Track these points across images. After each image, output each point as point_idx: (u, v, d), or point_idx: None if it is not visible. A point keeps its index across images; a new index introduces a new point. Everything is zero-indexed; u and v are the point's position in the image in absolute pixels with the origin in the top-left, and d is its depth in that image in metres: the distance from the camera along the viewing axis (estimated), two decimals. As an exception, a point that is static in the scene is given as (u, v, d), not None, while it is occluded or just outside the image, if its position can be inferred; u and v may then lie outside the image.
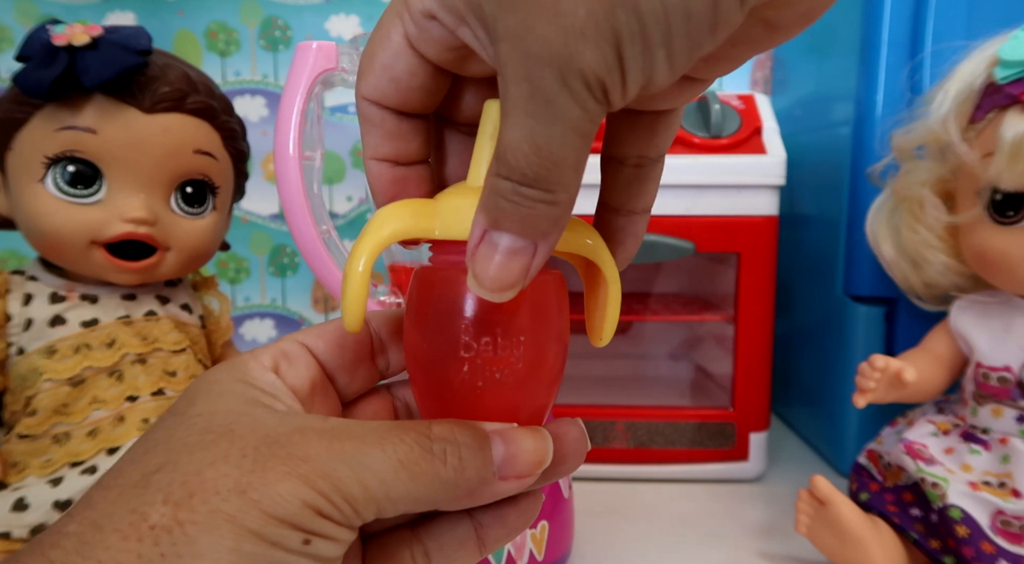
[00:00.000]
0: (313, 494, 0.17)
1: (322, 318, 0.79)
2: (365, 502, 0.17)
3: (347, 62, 0.41)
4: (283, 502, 0.16)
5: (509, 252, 0.17)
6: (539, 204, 0.17)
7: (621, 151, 0.21)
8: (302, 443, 0.17)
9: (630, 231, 0.22)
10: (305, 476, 0.17)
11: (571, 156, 0.16)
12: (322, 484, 0.17)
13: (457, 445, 0.18)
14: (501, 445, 0.19)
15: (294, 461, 0.17)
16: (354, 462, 0.17)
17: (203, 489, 0.16)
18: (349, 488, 0.17)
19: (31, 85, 0.37)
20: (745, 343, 0.56)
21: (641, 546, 0.47)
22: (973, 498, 0.39)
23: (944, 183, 0.45)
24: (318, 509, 0.17)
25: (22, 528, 0.37)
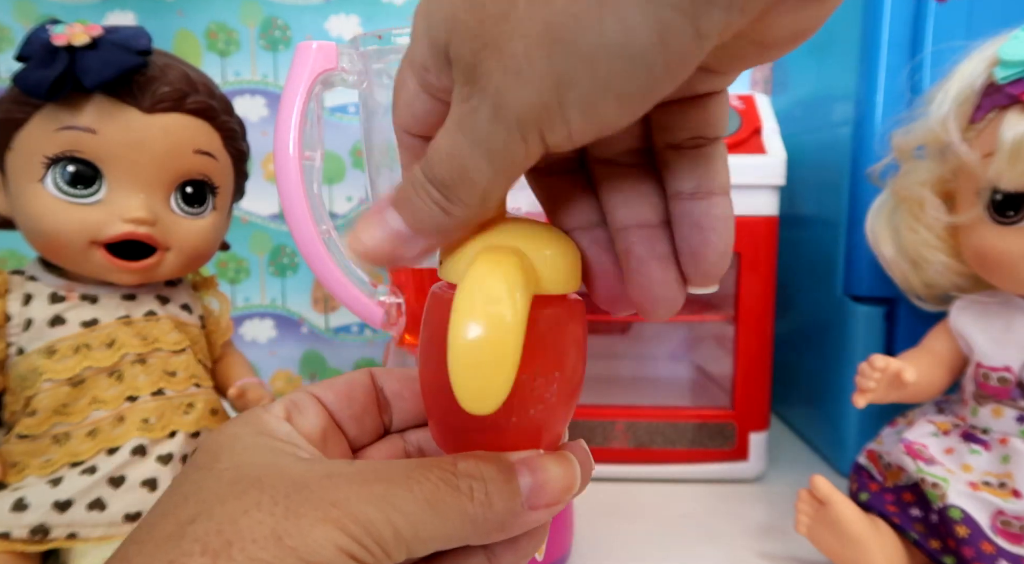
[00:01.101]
0: (346, 539, 0.17)
1: (322, 318, 0.79)
2: (396, 544, 0.17)
3: (347, 62, 0.41)
4: (318, 548, 0.16)
5: (391, 232, 0.18)
6: (434, 205, 0.18)
7: (675, 138, 0.19)
8: (332, 488, 0.18)
9: (716, 214, 0.19)
10: (337, 520, 0.17)
11: (481, 182, 0.17)
12: (354, 528, 0.17)
13: (483, 480, 0.18)
14: (528, 475, 0.19)
15: (325, 506, 0.17)
16: (383, 504, 0.17)
17: (240, 538, 0.16)
18: (380, 531, 0.17)
19: (31, 85, 0.37)
20: (745, 343, 0.56)
21: (641, 546, 0.47)
22: (973, 498, 0.39)
23: (944, 183, 0.45)
24: (351, 554, 0.17)
25: (22, 528, 0.37)
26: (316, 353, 0.79)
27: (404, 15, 0.75)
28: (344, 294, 0.41)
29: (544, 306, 0.19)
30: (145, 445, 0.40)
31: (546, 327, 0.19)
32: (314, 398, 0.22)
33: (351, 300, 0.42)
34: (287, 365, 0.79)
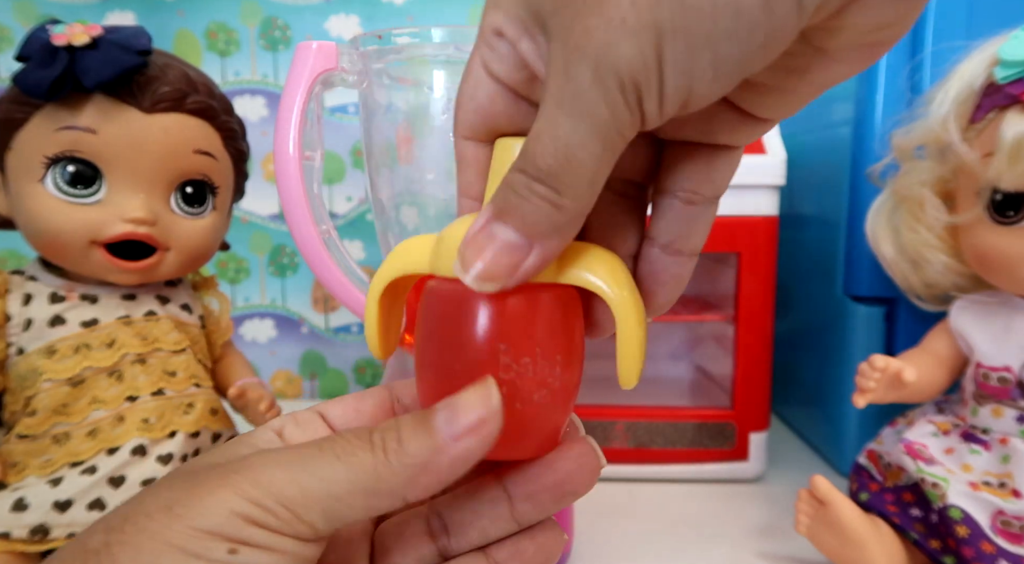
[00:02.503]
0: (242, 502, 0.16)
1: (322, 318, 0.79)
2: (305, 504, 0.17)
3: (347, 62, 0.41)
4: (208, 513, 0.16)
5: (504, 245, 0.17)
6: (544, 203, 0.16)
7: (675, 184, 0.20)
8: (243, 462, 0.17)
9: (674, 273, 0.20)
10: (236, 485, 0.16)
11: (588, 162, 0.16)
12: (254, 492, 0.16)
13: (396, 428, 0.18)
14: (444, 410, 0.18)
15: (229, 475, 0.17)
16: (291, 465, 0.17)
17: (135, 513, 0.17)
18: (283, 490, 0.17)
19: (31, 85, 0.37)
20: (745, 343, 0.56)
21: (641, 546, 0.47)
22: (973, 498, 0.39)
23: (944, 183, 0.45)
24: (248, 516, 0.16)
25: (22, 528, 0.37)
26: (316, 353, 0.79)
27: (404, 15, 0.75)
28: (344, 294, 0.41)
29: (540, 290, 0.19)
30: (145, 445, 0.40)
31: (541, 309, 0.19)
32: (317, 415, 0.22)
33: (351, 300, 0.42)
34: (287, 365, 0.79)
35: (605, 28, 0.15)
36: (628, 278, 0.19)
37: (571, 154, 0.16)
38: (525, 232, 0.17)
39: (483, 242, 0.17)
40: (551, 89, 0.16)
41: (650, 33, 0.14)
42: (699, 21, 0.14)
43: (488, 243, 0.17)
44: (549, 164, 0.16)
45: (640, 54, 0.14)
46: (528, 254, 0.17)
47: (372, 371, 0.80)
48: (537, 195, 0.16)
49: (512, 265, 0.17)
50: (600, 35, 0.15)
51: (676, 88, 0.15)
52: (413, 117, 0.44)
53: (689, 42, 0.14)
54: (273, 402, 0.46)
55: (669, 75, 0.15)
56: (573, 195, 0.16)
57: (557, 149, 0.16)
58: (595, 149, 0.16)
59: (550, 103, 0.16)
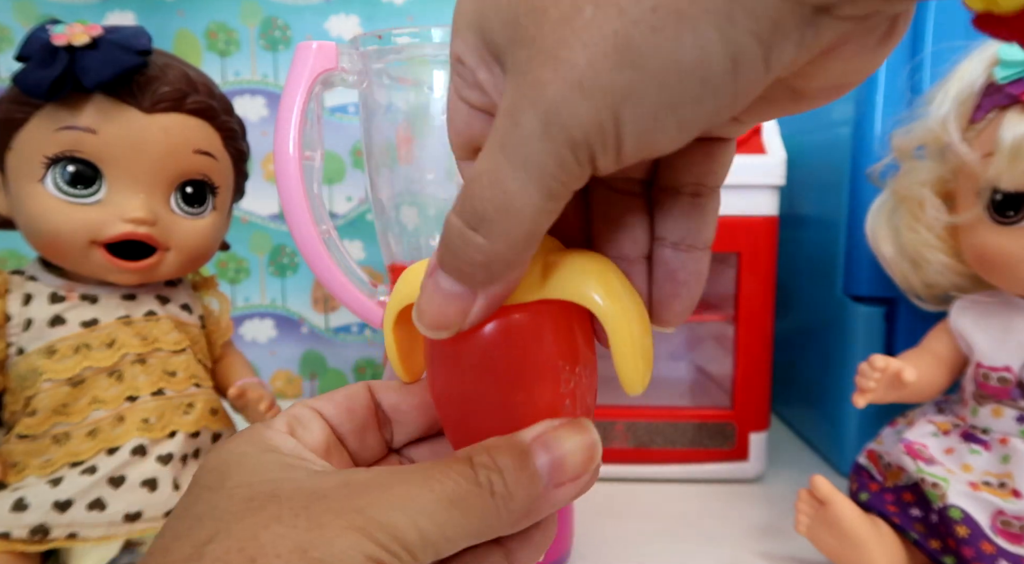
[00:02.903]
0: (373, 547, 0.16)
1: (322, 318, 0.79)
2: (423, 547, 0.17)
3: (347, 62, 0.41)
4: (346, 559, 0.16)
5: (447, 295, 0.17)
6: (479, 254, 0.16)
7: (677, 179, 0.19)
8: (351, 495, 0.17)
9: (692, 269, 0.20)
10: (362, 528, 0.16)
11: (528, 211, 0.15)
12: (380, 535, 0.16)
13: (500, 471, 0.18)
14: (544, 454, 0.18)
15: (348, 514, 0.17)
16: (407, 507, 0.17)
17: (263, 553, 0.16)
18: (406, 535, 0.17)
19: (31, 85, 0.37)
20: (745, 343, 0.56)
21: (641, 546, 0.47)
22: (973, 498, 0.39)
23: (944, 183, 0.45)
24: (380, 561, 0.16)
25: (22, 528, 0.37)
26: (316, 353, 0.79)
27: (404, 15, 0.75)
28: (344, 294, 0.42)
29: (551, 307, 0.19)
30: (145, 445, 0.40)
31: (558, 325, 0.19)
32: (315, 412, 0.21)
33: (351, 300, 0.42)
34: (287, 365, 0.79)
35: (559, 85, 0.14)
36: (623, 286, 0.19)
37: (509, 202, 0.15)
38: (465, 282, 0.17)
39: (431, 292, 0.18)
40: (498, 130, 0.15)
41: (608, 98, 0.14)
42: (662, 89, 0.14)
43: (435, 293, 0.17)
44: (486, 210, 0.16)
45: (596, 117, 0.14)
46: (474, 301, 0.17)
47: (372, 371, 0.80)
48: (472, 245, 0.16)
49: (460, 312, 0.17)
50: (553, 91, 0.14)
51: (635, 147, 0.15)
52: (413, 117, 0.44)
53: (651, 108, 0.14)
54: (273, 402, 0.46)
55: (628, 136, 0.14)
56: (509, 245, 0.16)
57: (495, 195, 0.15)
58: (536, 199, 0.15)
59: (495, 145, 0.15)
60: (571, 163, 0.15)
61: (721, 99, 0.14)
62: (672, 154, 0.19)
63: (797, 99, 0.16)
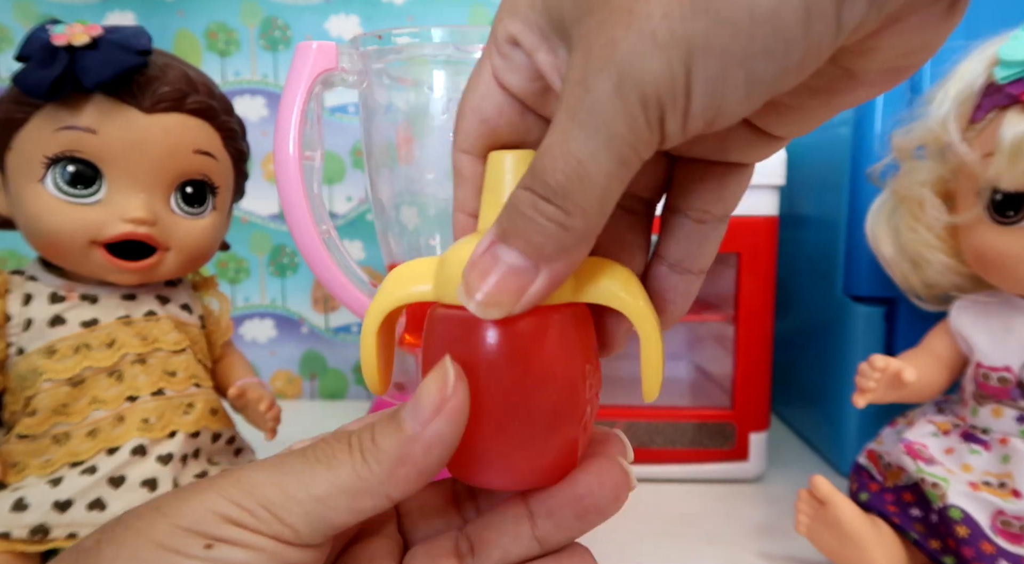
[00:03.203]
0: (224, 502, 0.17)
1: (322, 318, 0.79)
2: (286, 505, 0.17)
3: (347, 62, 0.41)
4: (189, 512, 0.17)
5: (510, 270, 0.16)
6: (551, 224, 0.16)
7: (685, 203, 0.19)
8: (236, 468, 0.18)
9: (682, 290, 0.20)
10: (220, 487, 0.17)
11: (600, 180, 0.15)
12: (234, 491, 0.17)
13: (370, 427, 0.18)
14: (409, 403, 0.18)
15: (218, 480, 0.17)
16: (273, 470, 0.17)
17: (128, 514, 0.17)
18: (265, 492, 0.17)
19: (31, 85, 0.37)
20: (745, 343, 0.56)
21: (641, 546, 0.47)
22: (973, 498, 0.39)
23: (944, 183, 0.45)
24: (227, 516, 0.17)
25: (22, 528, 0.37)
26: (316, 353, 0.79)
27: (404, 15, 0.75)
28: (344, 294, 0.42)
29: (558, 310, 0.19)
30: (145, 445, 0.40)
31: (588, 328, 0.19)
32: None
33: (351, 300, 0.42)
34: (287, 365, 0.79)
35: (633, 40, 0.14)
36: (644, 292, 0.19)
37: (583, 170, 0.15)
38: (531, 255, 0.16)
39: (487, 266, 0.17)
40: (567, 100, 0.15)
41: (681, 49, 0.13)
42: (735, 37, 0.13)
43: (493, 267, 0.17)
44: (559, 181, 0.15)
45: (668, 70, 0.14)
46: (535, 278, 0.16)
47: (372, 371, 0.80)
48: (544, 215, 0.16)
49: (518, 290, 0.17)
50: (626, 47, 0.14)
51: (703, 107, 0.14)
52: (413, 117, 0.44)
53: (723, 59, 0.14)
54: (273, 402, 0.46)
55: (697, 94, 0.14)
56: (583, 215, 0.15)
57: (568, 165, 0.15)
58: (609, 166, 0.15)
59: (564, 115, 0.15)
60: (642, 125, 0.14)
61: (791, 55, 0.14)
62: (686, 177, 0.19)
63: (852, 85, 0.16)
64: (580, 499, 0.20)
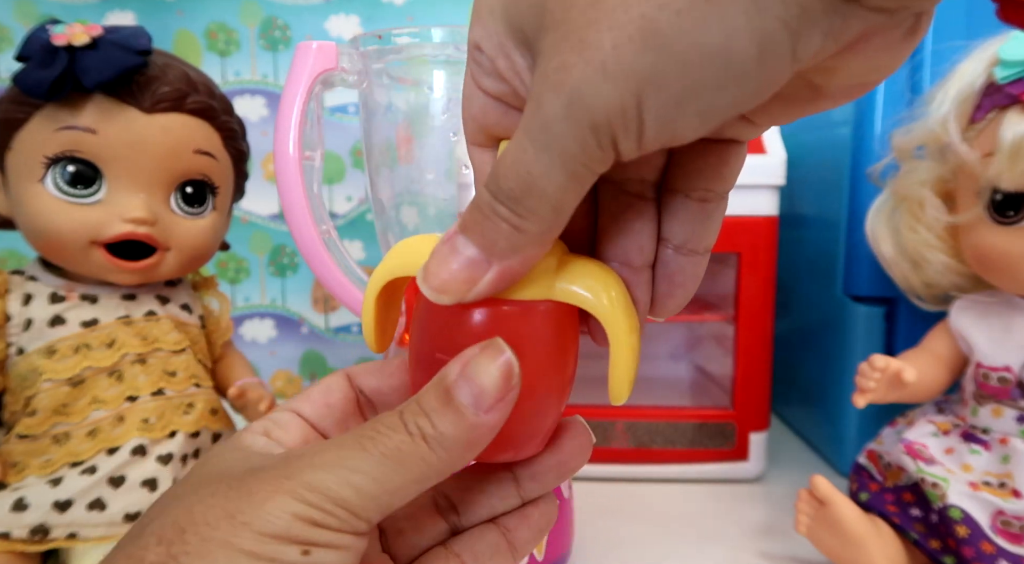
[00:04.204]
0: (302, 506, 0.17)
1: (322, 318, 0.79)
2: (361, 502, 0.17)
3: (347, 62, 0.41)
4: (272, 519, 0.16)
5: (465, 261, 0.17)
6: (504, 223, 0.16)
7: (687, 183, 0.20)
8: (284, 466, 0.18)
9: (690, 273, 0.20)
10: (291, 491, 0.17)
11: (551, 191, 0.16)
12: (309, 495, 0.17)
13: (426, 414, 0.18)
14: (465, 387, 0.18)
15: (278, 481, 0.17)
16: (337, 467, 0.17)
17: (193, 523, 0.17)
18: (339, 493, 0.17)
19: (31, 85, 0.37)
20: (745, 343, 0.56)
21: (641, 546, 0.47)
22: (973, 498, 0.39)
23: (944, 183, 0.45)
24: (311, 519, 0.17)
25: (22, 528, 0.37)
26: (316, 353, 0.79)
27: (404, 15, 0.75)
28: (344, 294, 0.41)
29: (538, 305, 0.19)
30: (145, 445, 0.40)
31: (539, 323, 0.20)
32: (293, 413, 0.22)
33: (351, 300, 0.42)
34: (287, 365, 0.79)
35: (583, 68, 0.14)
36: (622, 294, 0.20)
37: (533, 182, 0.16)
38: (485, 249, 0.17)
39: (446, 254, 0.18)
40: (524, 114, 0.16)
41: (631, 82, 0.14)
42: (685, 72, 0.14)
43: (450, 256, 0.18)
44: (511, 187, 0.16)
45: (619, 101, 0.14)
46: (487, 271, 0.17)
47: (372, 371, 0.80)
48: (498, 215, 0.16)
49: (470, 280, 0.18)
50: (577, 74, 0.14)
51: (657, 132, 0.15)
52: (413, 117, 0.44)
53: (674, 93, 0.14)
54: (273, 402, 0.46)
55: (649, 121, 0.14)
56: (536, 220, 0.16)
57: (519, 175, 0.16)
58: (559, 180, 0.16)
59: (520, 128, 0.16)
60: (593, 147, 0.15)
61: (744, 87, 0.14)
62: (684, 157, 0.19)
63: (817, 98, 0.16)
64: (563, 463, 0.22)
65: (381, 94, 0.43)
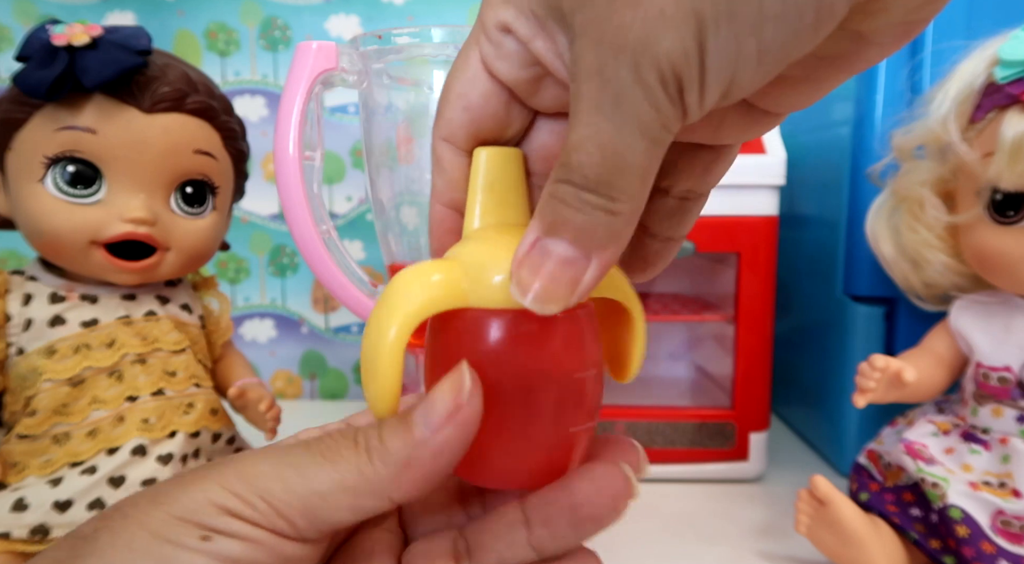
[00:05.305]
0: (223, 493, 0.17)
1: (322, 318, 0.79)
2: (287, 499, 0.17)
3: (347, 62, 0.41)
4: (188, 502, 0.17)
5: (562, 262, 0.16)
6: (599, 212, 0.15)
7: (670, 183, 0.19)
8: (237, 456, 0.18)
9: (663, 255, 0.21)
10: (220, 478, 0.17)
11: (639, 162, 0.15)
12: (235, 482, 0.17)
13: (377, 426, 0.18)
14: (420, 405, 0.17)
15: (217, 468, 0.17)
16: (276, 462, 0.17)
17: (125, 503, 0.17)
18: (266, 484, 0.17)
19: (31, 85, 0.37)
20: (745, 343, 0.56)
21: (641, 546, 0.47)
22: (973, 498, 0.39)
23: (944, 183, 0.45)
24: (225, 507, 0.16)
25: (22, 528, 0.37)
26: (316, 353, 0.79)
27: (404, 15, 0.75)
28: (344, 294, 0.42)
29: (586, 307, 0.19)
30: (145, 445, 0.40)
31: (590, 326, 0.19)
32: None
33: (351, 300, 0.42)
34: (287, 365, 0.79)
35: (643, 21, 0.14)
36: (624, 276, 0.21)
37: (621, 159, 0.15)
38: (582, 244, 0.16)
39: (538, 261, 0.16)
40: (587, 94, 0.15)
41: (692, 22, 0.13)
42: (745, 5, 0.13)
43: (544, 261, 0.16)
44: (599, 173, 0.15)
45: (682, 46, 0.14)
46: (587, 267, 0.16)
47: (372, 371, 0.80)
48: (590, 205, 0.15)
49: (573, 281, 0.16)
50: (638, 29, 0.14)
51: (719, 79, 0.14)
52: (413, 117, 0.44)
53: (734, 29, 0.13)
54: (273, 402, 0.46)
55: (712, 66, 0.14)
56: (628, 198, 0.16)
57: (605, 156, 0.15)
58: (645, 148, 0.15)
59: (589, 109, 0.15)
60: (664, 102, 0.14)
61: (803, 18, 0.13)
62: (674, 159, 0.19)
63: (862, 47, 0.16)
64: (576, 508, 0.19)
65: (381, 94, 0.43)
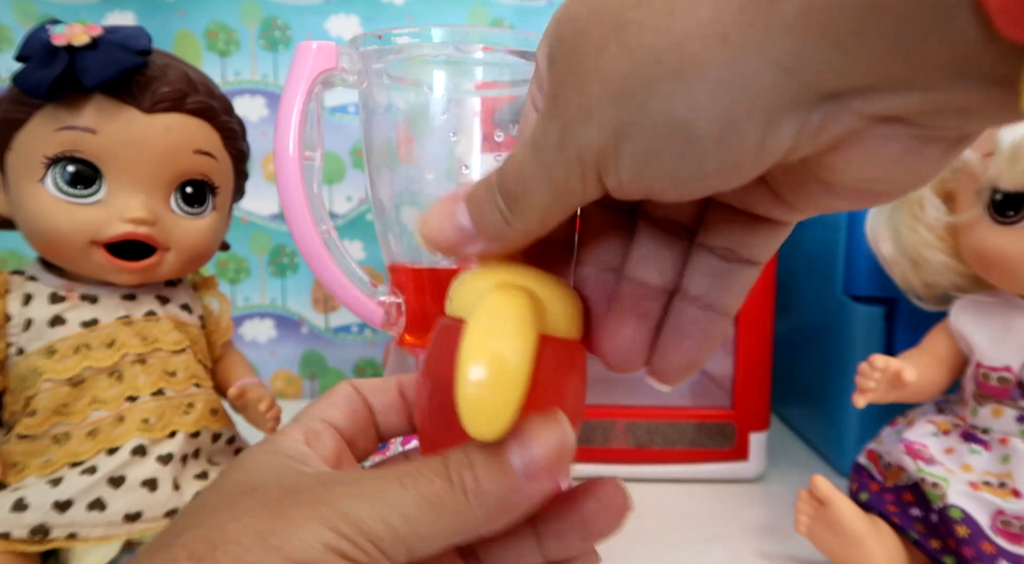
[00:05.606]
0: (335, 537, 0.16)
1: (322, 318, 0.79)
2: (392, 541, 0.17)
3: (347, 62, 0.41)
4: (304, 547, 0.16)
5: (456, 226, 0.19)
6: (497, 213, 0.18)
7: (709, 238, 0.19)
8: (323, 490, 0.17)
9: (702, 326, 0.20)
10: (326, 519, 0.17)
11: (539, 205, 0.17)
12: (344, 527, 0.17)
13: (472, 466, 0.18)
14: (517, 447, 0.18)
15: (314, 506, 0.17)
16: (376, 501, 0.17)
17: (225, 541, 0.16)
18: (372, 528, 0.17)
19: (31, 85, 0.37)
20: (745, 343, 0.56)
21: (641, 546, 0.47)
22: (973, 498, 0.39)
23: (944, 183, 0.45)
24: (341, 552, 0.16)
25: (22, 528, 0.37)
26: (316, 353, 0.79)
27: (404, 15, 0.75)
28: (344, 294, 0.41)
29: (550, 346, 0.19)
30: (145, 445, 0.40)
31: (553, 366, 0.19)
32: (327, 424, 0.22)
33: (351, 300, 0.42)
34: (287, 365, 0.79)
35: (576, 108, 0.15)
36: None
37: (526, 191, 0.17)
38: (476, 226, 0.19)
39: (446, 215, 0.19)
40: (535, 126, 0.17)
41: (609, 129, 0.15)
42: (650, 134, 0.14)
43: (448, 219, 0.19)
44: (511, 189, 0.18)
45: (600, 142, 0.15)
46: (471, 242, 0.19)
47: (372, 371, 0.80)
48: (495, 205, 0.18)
49: (455, 246, 0.19)
50: (572, 111, 0.16)
51: (631, 182, 0.16)
52: (413, 117, 0.44)
53: (642, 150, 0.15)
54: (273, 402, 0.46)
55: (624, 169, 0.15)
56: (523, 221, 0.18)
57: (518, 181, 0.17)
58: (546, 196, 0.17)
59: (529, 136, 0.17)
60: (577, 178, 0.16)
61: (704, 164, 0.14)
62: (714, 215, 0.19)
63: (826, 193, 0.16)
64: (586, 524, 0.21)
65: (381, 94, 0.43)
